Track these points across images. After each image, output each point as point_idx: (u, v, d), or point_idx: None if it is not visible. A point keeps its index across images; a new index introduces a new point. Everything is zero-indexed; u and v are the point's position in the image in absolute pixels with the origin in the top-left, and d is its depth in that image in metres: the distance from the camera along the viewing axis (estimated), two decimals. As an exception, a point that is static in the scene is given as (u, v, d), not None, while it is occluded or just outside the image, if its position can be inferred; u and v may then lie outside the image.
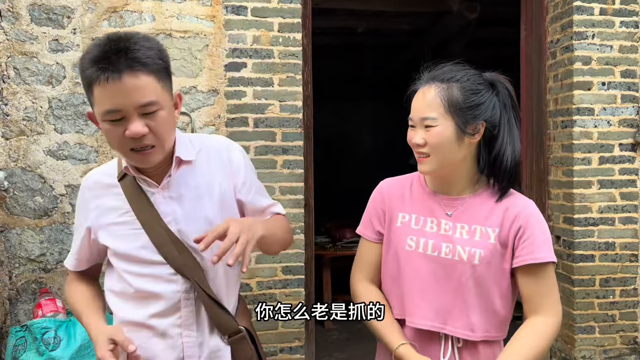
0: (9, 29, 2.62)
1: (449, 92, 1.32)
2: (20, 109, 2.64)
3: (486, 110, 1.33)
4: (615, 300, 2.96)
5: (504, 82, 1.39)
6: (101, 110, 1.17)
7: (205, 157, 1.35)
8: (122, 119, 1.17)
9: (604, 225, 2.96)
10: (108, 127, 1.19)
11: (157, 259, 1.28)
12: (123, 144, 1.20)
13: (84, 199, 1.35)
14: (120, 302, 1.33)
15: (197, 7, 2.73)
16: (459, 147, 1.33)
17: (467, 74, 1.36)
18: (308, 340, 2.89)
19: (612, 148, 2.97)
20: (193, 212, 1.30)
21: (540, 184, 3.23)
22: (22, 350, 2.15)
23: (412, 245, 1.37)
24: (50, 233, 2.65)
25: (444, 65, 1.39)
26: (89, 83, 1.17)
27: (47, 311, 2.28)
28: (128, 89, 1.14)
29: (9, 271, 2.63)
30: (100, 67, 1.14)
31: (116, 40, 1.16)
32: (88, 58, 1.17)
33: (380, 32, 5.76)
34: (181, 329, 1.29)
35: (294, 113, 2.77)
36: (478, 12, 4.70)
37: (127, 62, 1.14)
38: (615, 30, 2.96)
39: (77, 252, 1.40)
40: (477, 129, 1.33)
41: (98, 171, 1.39)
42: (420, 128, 1.34)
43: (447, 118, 1.31)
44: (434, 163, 1.34)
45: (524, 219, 1.34)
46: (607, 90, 2.96)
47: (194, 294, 1.30)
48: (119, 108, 1.16)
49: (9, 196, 2.62)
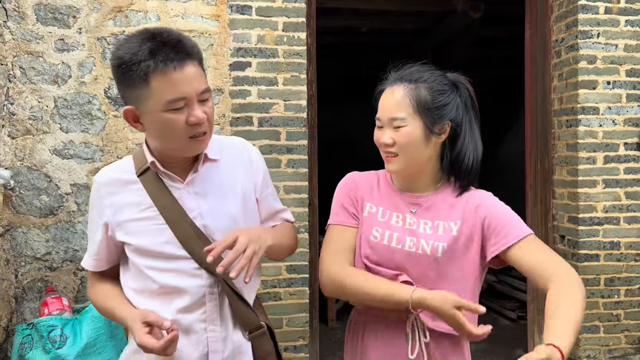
0: (15, 29, 2.64)
1: (417, 92, 1.35)
2: (26, 108, 2.65)
3: (451, 110, 1.37)
4: (620, 299, 2.96)
5: (465, 82, 1.42)
6: (164, 100, 1.18)
7: (227, 156, 1.37)
8: (183, 107, 1.20)
9: (608, 225, 2.95)
10: (170, 117, 1.20)
11: (182, 254, 1.28)
12: (183, 132, 1.22)
13: (99, 196, 1.33)
14: (142, 299, 1.31)
15: (202, 7, 2.74)
16: (426, 146, 1.36)
17: (433, 74, 1.39)
18: (312, 339, 2.90)
19: (617, 147, 2.97)
20: (218, 208, 1.32)
21: (545, 183, 3.22)
22: (28, 348, 2.16)
23: (377, 236, 1.38)
24: (56, 232, 2.66)
25: (411, 66, 1.42)
26: (145, 75, 1.16)
27: (54, 309, 2.29)
28: (190, 77, 1.19)
29: (15, 269, 2.64)
30: (163, 58, 1.16)
31: (162, 34, 1.20)
32: (140, 51, 1.17)
33: (384, 32, 5.76)
34: (206, 324, 1.29)
35: (298, 112, 2.77)
36: (482, 11, 4.70)
37: (184, 53, 1.19)
38: (620, 29, 2.96)
39: (96, 252, 1.36)
40: (443, 128, 1.36)
41: (113, 168, 1.37)
42: (389, 128, 1.37)
43: (415, 118, 1.34)
44: (402, 162, 1.37)
45: (486, 209, 1.37)
46: (612, 89, 2.96)
47: (217, 288, 1.30)
48: (183, 96, 1.19)
49: (15, 195, 2.63)
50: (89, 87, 2.68)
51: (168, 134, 1.23)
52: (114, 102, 2.70)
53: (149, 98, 1.19)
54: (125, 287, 1.35)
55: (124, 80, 1.20)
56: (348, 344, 1.49)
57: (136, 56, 1.17)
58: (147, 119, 1.23)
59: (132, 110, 1.23)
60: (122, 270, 1.37)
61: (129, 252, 1.32)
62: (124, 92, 1.24)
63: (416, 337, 1.35)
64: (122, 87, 1.23)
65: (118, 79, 1.22)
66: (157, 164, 1.29)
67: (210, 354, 1.30)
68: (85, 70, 2.68)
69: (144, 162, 1.32)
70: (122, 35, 2.69)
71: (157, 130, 1.24)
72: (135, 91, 1.20)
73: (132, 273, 1.33)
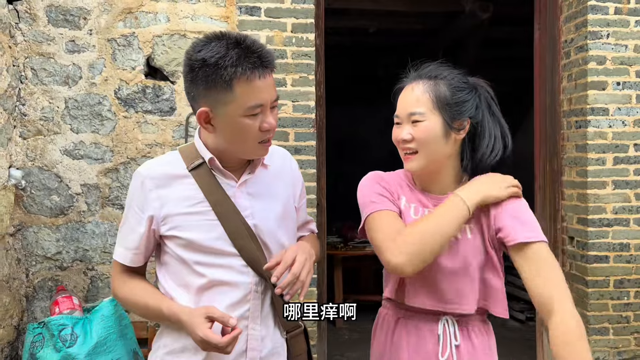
0: (27, 30, 2.66)
1: (436, 88, 1.35)
2: (37, 109, 2.68)
3: (471, 107, 1.37)
4: (630, 301, 2.94)
5: (485, 85, 1.43)
6: (246, 106, 1.22)
7: (275, 163, 1.42)
8: (258, 113, 1.25)
9: (618, 226, 2.93)
10: (247, 122, 1.24)
11: (231, 251, 1.30)
12: (255, 137, 1.27)
13: (144, 189, 1.31)
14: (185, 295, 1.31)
15: (211, 8, 2.76)
16: (445, 143, 1.35)
17: (453, 72, 1.40)
18: (320, 339, 2.90)
19: (627, 148, 2.95)
20: (267, 210, 1.35)
21: (554, 184, 3.21)
22: (39, 347, 2.18)
23: None
24: (66, 231, 2.68)
25: (430, 64, 1.43)
26: (231, 80, 1.20)
27: (64, 308, 2.31)
28: (270, 85, 1.26)
29: (26, 269, 2.67)
30: (251, 66, 1.20)
31: (245, 40, 1.23)
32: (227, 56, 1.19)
33: (393, 33, 5.75)
34: (247, 322, 1.31)
35: (306, 113, 2.78)
36: (491, 12, 4.68)
37: (267, 62, 1.24)
38: (630, 30, 2.94)
39: (137, 246, 1.34)
40: (462, 125, 1.36)
41: (158, 162, 1.37)
42: (407, 124, 1.36)
43: (434, 113, 1.34)
44: (422, 159, 1.36)
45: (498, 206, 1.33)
46: (622, 90, 2.94)
47: (262, 286, 1.32)
48: (263, 102, 1.24)
49: (26, 195, 2.66)
50: (99, 88, 2.71)
51: (241, 137, 1.26)
52: (123, 102, 2.72)
53: (230, 102, 1.22)
54: (164, 283, 1.35)
55: (205, 81, 1.22)
56: (376, 338, 1.48)
57: (223, 60, 1.20)
58: (222, 122, 1.25)
59: (206, 111, 1.25)
60: (159, 266, 1.37)
61: (175, 247, 1.31)
62: (199, 93, 1.25)
63: (447, 340, 1.35)
64: (200, 88, 1.24)
65: (196, 79, 1.23)
66: (216, 160, 1.31)
67: (248, 352, 1.31)
68: (95, 72, 2.70)
69: (195, 157, 1.34)
70: (132, 36, 2.71)
71: (230, 133, 1.26)
72: (216, 94, 1.22)
73: (173, 269, 1.33)
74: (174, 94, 2.74)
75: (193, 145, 1.36)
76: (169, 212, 1.30)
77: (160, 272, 1.37)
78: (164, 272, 1.35)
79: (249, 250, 1.30)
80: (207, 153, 1.32)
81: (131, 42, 2.72)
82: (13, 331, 2.56)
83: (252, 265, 1.31)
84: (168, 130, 2.72)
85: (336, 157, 5.52)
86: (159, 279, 1.37)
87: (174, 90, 2.74)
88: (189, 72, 1.25)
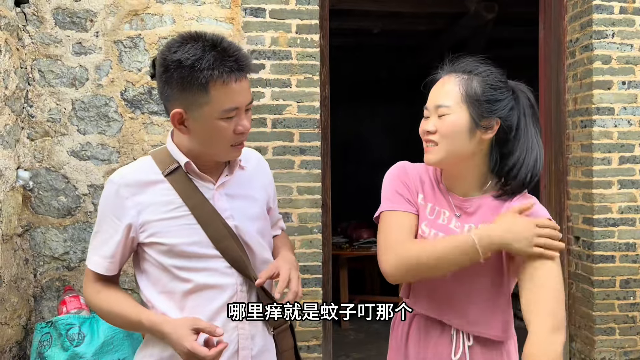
0: (34, 33, 2.69)
1: (468, 83, 1.31)
2: (44, 111, 2.70)
3: (503, 108, 1.31)
4: (636, 301, 2.93)
5: (526, 91, 1.37)
6: (221, 108, 1.22)
7: (250, 164, 1.42)
8: (233, 117, 1.24)
9: (624, 226, 2.93)
10: (221, 125, 1.24)
11: (213, 253, 1.29)
12: (229, 140, 1.27)
13: (119, 197, 1.29)
14: (167, 301, 1.30)
15: (216, 10, 2.77)
16: (469, 140, 1.30)
17: (490, 69, 1.35)
18: (325, 339, 2.91)
19: (633, 148, 2.94)
20: (247, 211, 1.36)
21: (559, 184, 3.21)
22: (47, 346, 2.20)
23: (426, 232, 1.35)
24: (74, 232, 2.70)
25: (468, 58, 1.38)
26: (207, 82, 1.19)
27: (72, 308, 2.33)
28: (246, 88, 1.25)
29: (33, 269, 2.69)
30: (227, 70, 1.20)
31: (222, 42, 1.23)
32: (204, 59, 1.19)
33: (397, 34, 5.76)
34: (236, 322, 1.30)
35: (311, 114, 2.79)
36: (496, 12, 4.68)
37: (244, 65, 1.23)
38: (635, 29, 2.93)
39: (112, 254, 1.32)
40: (491, 124, 1.30)
41: (131, 169, 1.34)
42: (434, 116, 1.33)
43: (462, 107, 1.29)
44: (442, 152, 1.31)
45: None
46: (627, 89, 2.93)
47: (247, 286, 1.33)
48: (238, 105, 1.24)
49: (34, 196, 2.69)
50: (106, 89, 2.73)
51: (215, 140, 1.26)
52: (130, 104, 2.74)
53: (204, 105, 1.22)
54: (145, 291, 1.33)
55: (181, 83, 1.21)
56: (393, 333, 1.48)
57: (199, 62, 1.18)
58: (196, 124, 1.25)
59: (180, 113, 1.24)
60: (139, 274, 1.35)
61: (156, 254, 1.30)
62: (173, 94, 1.24)
63: (460, 340, 1.34)
64: (175, 89, 1.23)
65: (171, 80, 1.22)
66: (192, 164, 1.30)
67: (240, 351, 1.31)
68: (102, 73, 2.73)
69: (169, 162, 1.32)
70: (138, 38, 2.73)
71: (204, 136, 1.26)
72: (191, 96, 1.21)
73: (155, 276, 1.31)
74: (179, 95, 2.75)
75: (166, 149, 1.34)
76: (147, 218, 1.28)
77: (140, 280, 1.34)
78: (145, 280, 1.33)
79: (232, 251, 1.29)
80: (182, 157, 1.30)
81: (137, 44, 2.74)
82: (21, 331, 2.58)
83: (236, 265, 1.30)
84: (174, 131, 2.73)
85: (341, 157, 5.53)
86: (139, 287, 1.35)
87: (179, 92, 2.76)
88: (163, 72, 1.23)
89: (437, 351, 1.36)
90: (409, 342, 1.41)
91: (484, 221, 1.33)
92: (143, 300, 1.35)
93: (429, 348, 1.37)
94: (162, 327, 1.23)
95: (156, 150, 1.38)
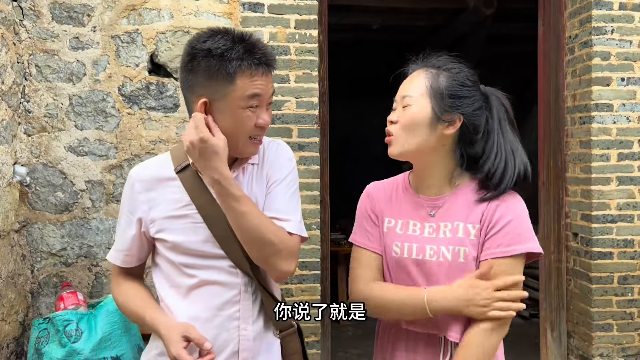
0: (31, 27, 2.67)
1: (435, 77, 1.33)
2: (41, 106, 2.68)
3: (467, 106, 1.32)
4: (634, 298, 2.93)
5: (501, 97, 1.38)
6: (244, 95, 1.24)
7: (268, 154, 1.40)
8: (256, 107, 1.26)
9: (622, 223, 2.93)
10: (245, 114, 1.25)
11: (218, 253, 1.29)
12: (249, 131, 1.28)
13: (134, 191, 1.33)
14: (175, 296, 1.32)
15: (214, 5, 2.76)
16: (430, 133, 1.31)
17: (460, 67, 1.36)
18: (324, 336, 2.91)
19: (632, 144, 2.94)
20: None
21: (558, 180, 3.20)
22: (44, 342, 2.19)
23: (398, 251, 1.36)
24: (71, 228, 2.70)
25: (441, 55, 1.40)
26: (234, 72, 1.22)
27: (69, 304, 2.32)
28: (269, 82, 1.28)
29: (31, 265, 2.68)
30: (256, 62, 1.23)
31: (250, 37, 1.27)
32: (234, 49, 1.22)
33: (396, 29, 5.75)
34: (239, 322, 1.31)
35: (310, 109, 2.78)
36: (495, 8, 4.67)
37: (270, 60, 1.27)
38: (634, 25, 2.93)
39: (128, 248, 1.36)
40: (452, 119, 1.31)
41: (150, 164, 1.38)
42: (399, 107, 1.35)
43: (425, 99, 1.31)
44: (402, 144, 1.33)
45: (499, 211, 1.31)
46: (626, 85, 2.93)
47: (252, 287, 1.32)
48: (261, 93, 1.26)
49: (31, 191, 2.67)
50: (103, 84, 2.71)
51: (236, 130, 1.26)
52: (127, 99, 2.73)
53: (229, 94, 1.23)
54: (157, 284, 1.36)
55: (207, 72, 1.23)
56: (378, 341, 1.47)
57: (229, 52, 1.22)
58: (220, 114, 1.25)
59: (205, 102, 1.25)
60: (153, 267, 1.38)
61: (164, 249, 1.32)
62: (198, 82, 1.25)
63: (449, 343, 1.33)
64: (200, 77, 1.24)
65: (197, 68, 1.24)
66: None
67: (240, 352, 1.30)
68: (99, 68, 2.71)
69: (183, 159, 1.33)
70: (136, 33, 2.72)
71: (228, 125, 1.26)
72: (216, 85, 1.23)
73: (165, 270, 1.34)
74: (177, 90, 2.74)
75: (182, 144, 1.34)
76: (156, 215, 1.30)
77: (154, 273, 1.37)
78: (158, 273, 1.36)
79: (236, 252, 1.29)
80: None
81: (135, 39, 2.73)
82: (18, 327, 2.57)
83: (240, 266, 1.30)
84: (172, 127, 2.72)
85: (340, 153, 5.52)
86: (153, 281, 1.37)
87: (177, 87, 2.74)
88: (189, 61, 1.25)
89: (425, 352, 1.35)
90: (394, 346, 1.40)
91: (459, 217, 1.33)
92: (157, 292, 1.36)
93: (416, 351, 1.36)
94: (159, 328, 1.27)
95: (176, 145, 1.39)
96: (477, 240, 1.32)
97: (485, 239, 1.31)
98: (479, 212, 1.33)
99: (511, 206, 1.32)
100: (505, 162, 1.32)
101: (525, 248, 1.30)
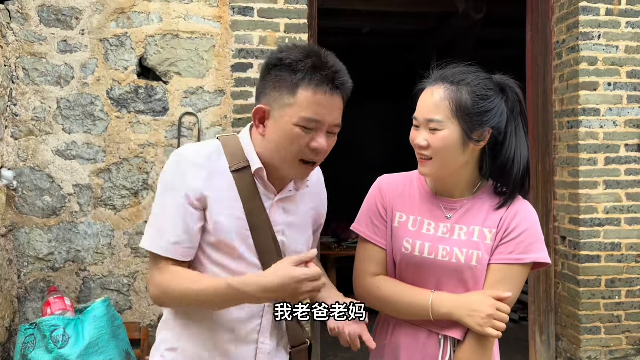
0: (18, 30, 2.65)
1: (457, 95, 1.28)
2: (29, 109, 2.66)
3: (494, 116, 1.30)
4: (621, 300, 2.96)
5: (514, 86, 1.36)
6: (302, 115, 1.20)
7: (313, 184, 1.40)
8: (312, 129, 1.22)
9: (609, 226, 2.95)
10: (297, 132, 1.21)
11: (254, 262, 1.27)
12: (298, 152, 1.23)
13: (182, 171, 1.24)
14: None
15: (204, 8, 2.75)
16: (462, 152, 1.30)
17: (478, 77, 1.32)
18: (314, 340, 2.91)
19: (618, 148, 2.97)
20: (297, 230, 1.35)
21: (546, 184, 3.23)
22: (30, 348, 2.17)
23: (408, 247, 1.36)
24: (58, 232, 2.67)
25: (455, 66, 1.35)
26: (297, 84, 1.20)
27: (56, 309, 2.30)
28: (335, 106, 1.23)
29: (17, 270, 2.65)
30: (320, 78, 1.20)
31: (327, 56, 1.23)
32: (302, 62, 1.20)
33: (386, 33, 5.77)
34: (258, 335, 1.29)
35: (299, 113, 2.78)
36: (484, 12, 4.70)
37: (340, 83, 1.22)
38: (621, 31, 2.96)
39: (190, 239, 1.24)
40: (482, 135, 1.30)
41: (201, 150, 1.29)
42: (425, 129, 1.31)
43: (453, 122, 1.28)
44: (435, 166, 1.32)
45: (517, 218, 1.34)
46: (612, 90, 2.96)
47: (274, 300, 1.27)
48: (320, 119, 1.21)
49: (18, 195, 2.65)
50: (92, 88, 2.70)
51: (286, 146, 1.22)
52: (116, 103, 2.71)
53: (288, 106, 1.21)
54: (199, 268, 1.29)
55: (275, 81, 1.22)
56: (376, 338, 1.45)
57: (297, 64, 1.20)
58: (274, 125, 1.23)
59: (264, 109, 1.24)
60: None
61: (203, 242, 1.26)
62: (265, 90, 1.24)
63: (448, 343, 1.33)
64: (268, 86, 1.23)
65: (268, 76, 1.24)
66: (264, 171, 1.27)
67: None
68: (87, 72, 2.70)
69: (241, 159, 1.28)
70: (125, 36, 2.71)
71: (277, 139, 1.23)
72: (278, 94, 1.22)
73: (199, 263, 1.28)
74: (166, 94, 2.73)
75: (238, 143, 1.30)
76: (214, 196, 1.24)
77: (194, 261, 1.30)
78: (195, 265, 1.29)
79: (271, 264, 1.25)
80: (257, 161, 1.27)
81: (123, 42, 2.71)
82: (4, 332, 2.54)
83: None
84: (160, 130, 2.71)
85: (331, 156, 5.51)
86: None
87: (166, 90, 2.74)
88: (264, 69, 1.26)
89: (425, 352, 1.35)
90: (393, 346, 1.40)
91: (476, 221, 1.34)
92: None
93: (416, 350, 1.37)
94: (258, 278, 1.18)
95: (227, 139, 1.32)
96: (491, 244, 1.33)
97: (499, 243, 1.33)
98: (497, 217, 1.34)
99: (528, 215, 1.36)
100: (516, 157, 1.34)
101: (535, 257, 1.33)
